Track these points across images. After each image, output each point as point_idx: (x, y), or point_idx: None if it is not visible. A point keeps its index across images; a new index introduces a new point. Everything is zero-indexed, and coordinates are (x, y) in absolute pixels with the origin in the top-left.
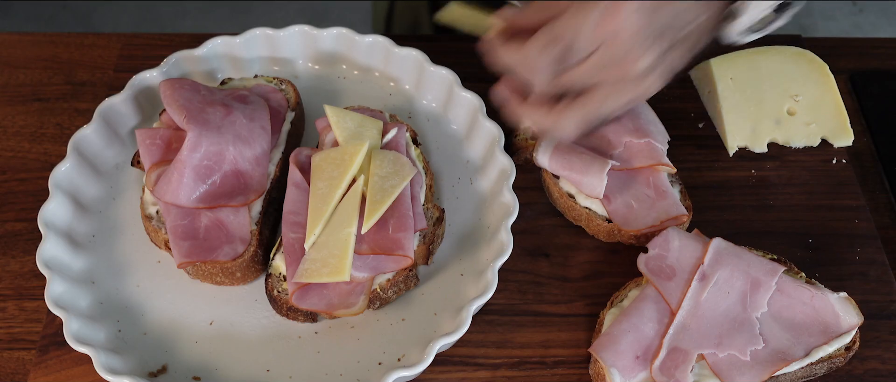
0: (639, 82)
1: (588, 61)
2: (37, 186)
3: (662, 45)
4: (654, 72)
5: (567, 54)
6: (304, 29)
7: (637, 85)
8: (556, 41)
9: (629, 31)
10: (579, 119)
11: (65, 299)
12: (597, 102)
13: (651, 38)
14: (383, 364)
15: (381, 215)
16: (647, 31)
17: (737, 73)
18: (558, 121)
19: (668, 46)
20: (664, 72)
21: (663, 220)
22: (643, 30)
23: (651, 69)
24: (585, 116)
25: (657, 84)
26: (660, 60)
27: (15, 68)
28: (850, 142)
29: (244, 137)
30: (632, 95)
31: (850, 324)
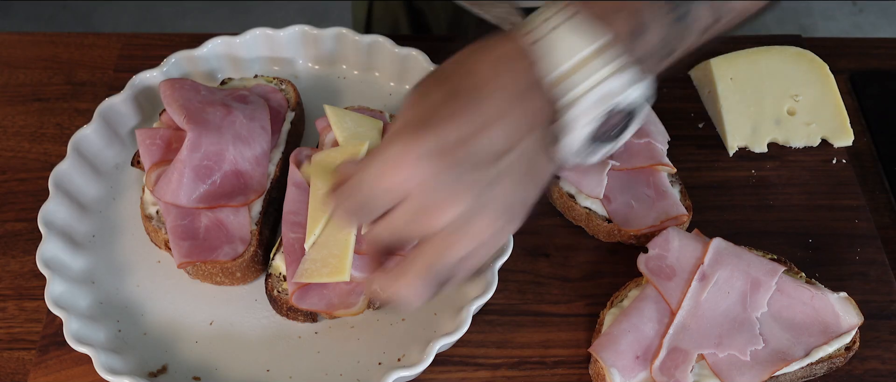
0: (469, 230)
1: (393, 214)
2: (37, 186)
3: (473, 187)
4: (481, 215)
5: (366, 210)
6: (304, 29)
7: (468, 234)
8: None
9: (420, 179)
10: (420, 279)
11: (65, 299)
12: (428, 257)
13: (454, 182)
14: (383, 364)
15: None
16: (444, 177)
17: (737, 73)
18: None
19: (485, 187)
20: (497, 213)
21: (663, 220)
22: (437, 176)
23: (471, 214)
24: (424, 274)
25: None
26: (479, 203)
27: (15, 68)
28: (850, 142)
29: (244, 137)
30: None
31: (850, 324)
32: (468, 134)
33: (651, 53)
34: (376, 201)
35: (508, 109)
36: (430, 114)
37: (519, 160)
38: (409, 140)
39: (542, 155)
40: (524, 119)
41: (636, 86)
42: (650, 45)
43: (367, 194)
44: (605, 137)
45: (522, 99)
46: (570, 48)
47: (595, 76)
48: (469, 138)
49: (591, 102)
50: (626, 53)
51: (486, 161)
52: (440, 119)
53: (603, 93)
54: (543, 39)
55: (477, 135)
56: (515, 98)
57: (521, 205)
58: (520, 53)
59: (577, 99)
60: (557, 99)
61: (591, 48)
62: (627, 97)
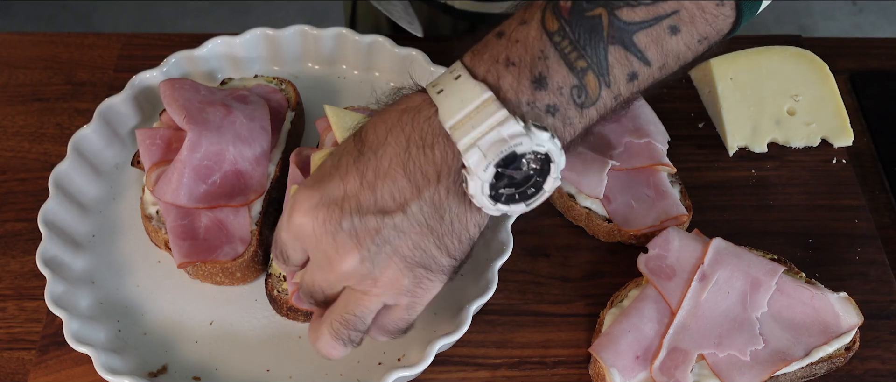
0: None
1: (307, 266)
2: (37, 186)
3: (365, 240)
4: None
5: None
6: (304, 29)
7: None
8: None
9: (308, 232)
10: (331, 332)
11: (65, 299)
12: (337, 311)
13: (344, 235)
14: (383, 364)
15: None
16: (333, 230)
17: (737, 73)
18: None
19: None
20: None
21: (663, 220)
22: (325, 229)
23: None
24: (335, 327)
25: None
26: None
27: (15, 68)
28: (850, 142)
29: (244, 137)
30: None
31: (850, 324)
32: (368, 183)
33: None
34: (286, 250)
35: (405, 159)
36: (335, 168)
37: (424, 210)
38: (311, 191)
39: (455, 205)
40: (425, 168)
41: (540, 133)
42: (553, 96)
43: (279, 244)
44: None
45: (421, 147)
46: (463, 99)
47: (485, 124)
48: (368, 187)
49: (485, 146)
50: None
51: (386, 209)
52: (342, 172)
53: (494, 139)
54: (442, 92)
55: (376, 183)
56: (414, 147)
57: (440, 256)
58: (425, 103)
59: (471, 145)
60: (456, 145)
61: (482, 99)
62: (526, 147)
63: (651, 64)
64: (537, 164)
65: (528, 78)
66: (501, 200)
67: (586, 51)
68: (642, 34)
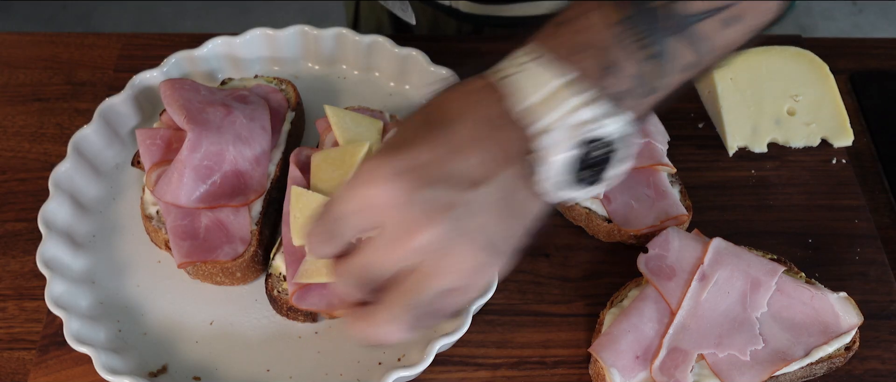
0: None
1: (368, 243)
2: (37, 186)
3: (449, 210)
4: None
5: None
6: (304, 29)
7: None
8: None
9: (388, 198)
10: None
11: (65, 299)
12: (408, 289)
13: (426, 204)
14: (383, 364)
15: None
16: (415, 198)
17: (737, 73)
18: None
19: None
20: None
21: (663, 220)
22: (408, 197)
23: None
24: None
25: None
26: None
27: (15, 68)
28: (850, 142)
29: (244, 137)
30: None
31: (850, 324)
32: (443, 155)
33: (627, 90)
34: (347, 224)
35: (481, 136)
36: (404, 140)
37: (497, 191)
38: (382, 160)
39: (522, 190)
40: (497, 148)
41: (612, 119)
42: (624, 82)
43: (332, 218)
44: (586, 176)
45: (493, 127)
46: (538, 82)
47: (564, 106)
48: (443, 159)
49: (562, 131)
50: (597, 88)
51: (461, 184)
52: (414, 142)
53: (574, 122)
54: (512, 76)
55: (451, 156)
56: (486, 126)
57: (504, 241)
58: (489, 87)
59: (547, 129)
60: (528, 130)
61: (559, 82)
62: (604, 130)
63: (705, 54)
64: (606, 149)
65: (598, 65)
66: (567, 186)
67: (650, 41)
68: (700, 25)
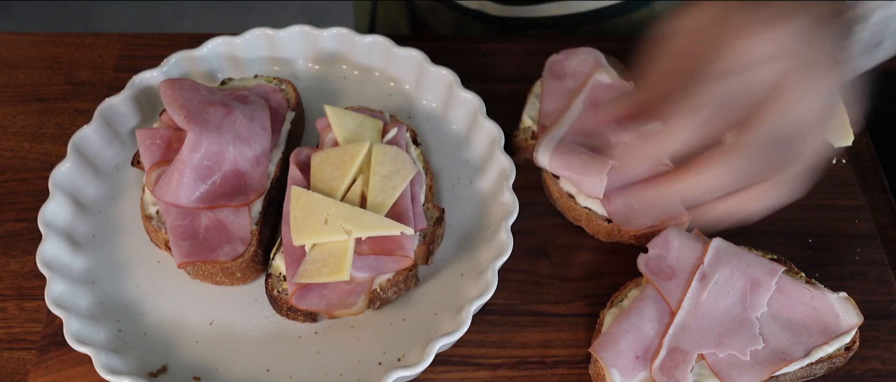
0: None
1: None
2: (37, 186)
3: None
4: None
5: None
6: (304, 29)
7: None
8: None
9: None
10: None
11: (65, 299)
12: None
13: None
14: (383, 364)
15: None
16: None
17: None
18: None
19: None
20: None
21: (663, 220)
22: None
23: None
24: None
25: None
26: None
27: (15, 68)
28: (850, 142)
29: (244, 137)
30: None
31: (850, 324)
32: None
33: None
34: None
35: None
36: None
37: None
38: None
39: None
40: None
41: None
42: None
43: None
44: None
45: None
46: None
47: None
48: None
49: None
50: None
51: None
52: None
53: None
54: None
55: None
56: None
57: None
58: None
59: None
60: None
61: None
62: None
63: None
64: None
65: None
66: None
67: None
68: None
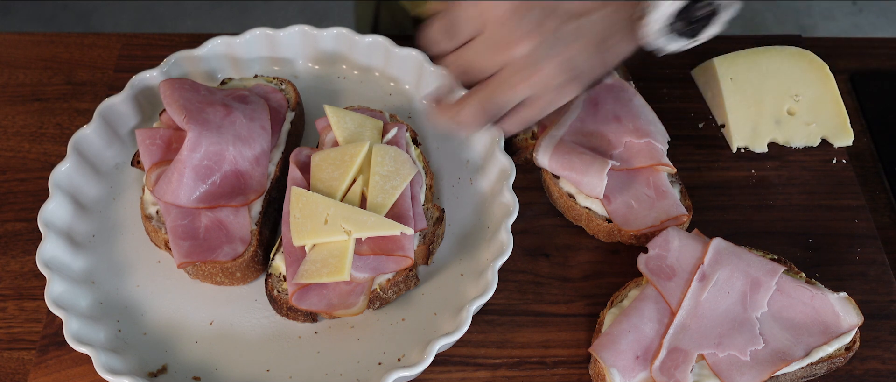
0: (533, 74)
1: (473, 42)
2: (37, 186)
3: (545, 33)
4: (547, 63)
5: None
6: (304, 29)
7: (531, 76)
8: (442, 17)
9: (499, 12)
10: (475, 107)
11: (65, 299)
12: (490, 89)
13: (529, 23)
14: (383, 364)
15: None
16: (521, 15)
17: (737, 73)
18: (458, 111)
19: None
20: (563, 66)
21: (663, 220)
22: (515, 13)
23: (538, 58)
24: (480, 103)
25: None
26: (548, 49)
27: (15, 68)
28: (850, 142)
29: (244, 137)
30: (529, 88)
31: (850, 324)
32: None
33: None
34: (458, 27)
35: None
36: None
37: (596, 25)
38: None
39: (621, 29)
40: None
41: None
42: None
43: (453, 18)
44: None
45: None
46: None
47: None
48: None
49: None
50: None
51: (563, 12)
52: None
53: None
54: None
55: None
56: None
57: (588, 70)
58: None
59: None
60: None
61: None
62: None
63: None
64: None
65: None
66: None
67: None
68: None
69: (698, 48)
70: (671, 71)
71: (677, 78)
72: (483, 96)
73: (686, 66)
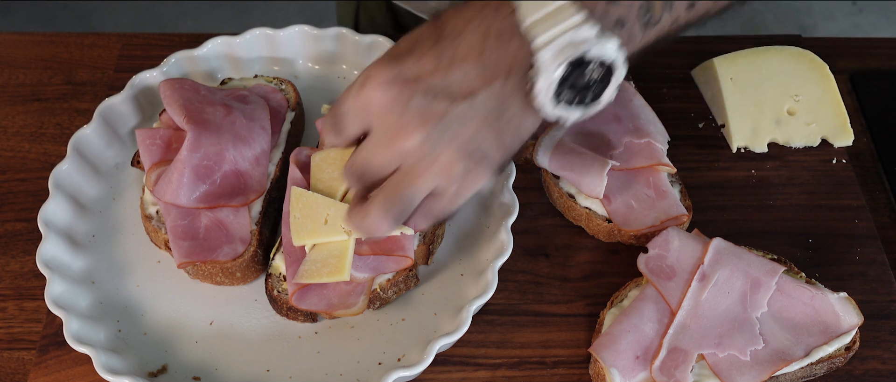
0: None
1: (365, 141)
2: (37, 186)
3: (433, 118)
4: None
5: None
6: (304, 29)
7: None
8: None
9: (381, 102)
10: (380, 210)
11: (65, 299)
12: (390, 187)
13: (414, 110)
14: (383, 364)
15: None
16: (405, 103)
17: (737, 73)
18: (364, 216)
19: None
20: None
21: (663, 220)
22: (398, 101)
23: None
24: (384, 204)
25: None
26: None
27: (15, 68)
28: (850, 142)
29: (244, 137)
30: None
31: (850, 324)
32: (441, 64)
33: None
34: (345, 120)
35: (483, 48)
36: (408, 48)
37: (491, 101)
38: (384, 65)
39: (518, 102)
40: (498, 59)
41: (609, 41)
42: (628, 10)
43: (338, 113)
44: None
45: (498, 40)
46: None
47: (565, 23)
48: (441, 68)
49: (559, 45)
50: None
51: (455, 93)
52: (416, 50)
53: (570, 39)
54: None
55: (449, 66)
56: (491, 38)
57: (493, 149)
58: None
59: (546, 43)
60: (531, 43)
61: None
62: (600, 50)
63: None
64: (601, 71)
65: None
66: (562, 103)
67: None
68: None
69: (699, 48)
70: (671, 71)
71: (677, 78)
72: (385, 196)
73: (686, 66)
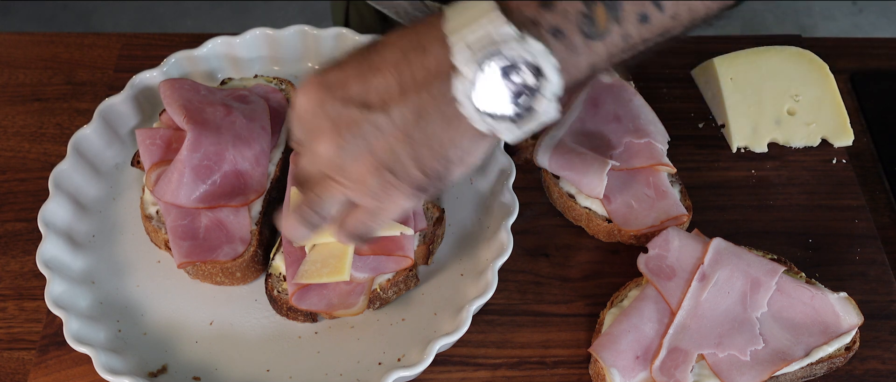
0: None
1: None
2: (37, 186)
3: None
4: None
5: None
6: (304, 29)
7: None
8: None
9: (305, 106)
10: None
11: (65, 299)
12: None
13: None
14: (383, 364)
15: None
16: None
17: (737, 73)
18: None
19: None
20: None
21: (663, 220)
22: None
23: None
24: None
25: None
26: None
27: (15, 68)
28: (850, 142)
29: (244, 137)
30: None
31: (850, 324)
32: (353, 76)
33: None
34: (292, 127)
35: (404, 58)
36: (339, 60)
37: (407, 115)
38: (310, 75)
39: (440, 116)
40: (418, 69)
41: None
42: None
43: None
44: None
45: (419, 52)
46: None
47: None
48: (359, 77)
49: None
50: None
51: (363, 103)
52: (340, 64)
53: (486, 35)
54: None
55: (367, 75)
56: (412, 51)
57: (412, 167)
58: (436, 18)
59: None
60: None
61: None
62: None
63: (664, 10)
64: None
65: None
66: (487, 113)
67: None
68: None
69: (699, 48)
70: (671, 71)
71: (677, 78)
72: (302, 204)
73: (686, 66)
